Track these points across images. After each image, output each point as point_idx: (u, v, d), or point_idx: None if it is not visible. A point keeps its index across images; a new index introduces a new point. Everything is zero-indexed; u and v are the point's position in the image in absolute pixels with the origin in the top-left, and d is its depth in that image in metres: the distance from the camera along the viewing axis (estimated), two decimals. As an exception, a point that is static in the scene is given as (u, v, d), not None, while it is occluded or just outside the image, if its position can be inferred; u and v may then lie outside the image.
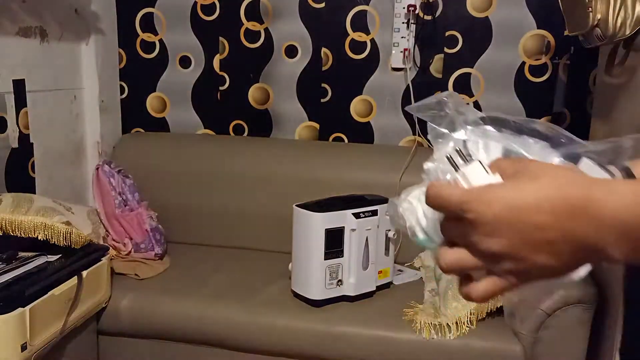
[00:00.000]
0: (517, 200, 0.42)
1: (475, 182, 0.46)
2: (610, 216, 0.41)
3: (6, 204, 1.62)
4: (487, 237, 0.43)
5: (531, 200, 0.42)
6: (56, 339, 1.52)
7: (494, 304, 1.62)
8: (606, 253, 0.42)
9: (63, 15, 2.09)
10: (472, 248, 0.44)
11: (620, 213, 0.41)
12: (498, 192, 0.44)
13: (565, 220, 0.42)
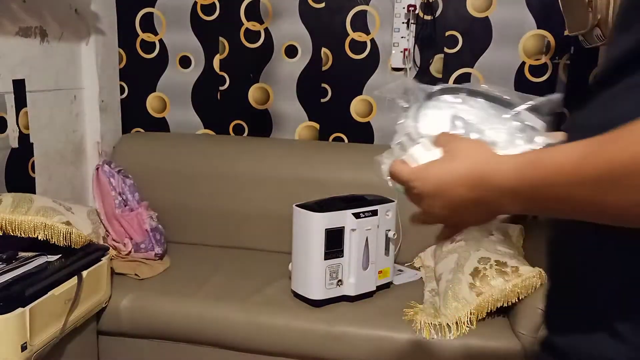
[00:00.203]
0: (442, 178, 0.60)
1: (420, 160, 0.63)
2: (500, 184, 0.55)
3: (6, 204, 1.62)
4: (428, 204, 0.63)
5: (451, 177, 0.59)
6: (56, 339, 1.52)
7: (493, 304, 1.62)
8: (506, 210, 0.58)
9: (63, 15, 2.09)
10: (422, 208, 0.65)
11: (507, 180, 0.54)
12: (431, 171, 0.61)
13: (475, 190, 0.58)
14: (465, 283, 1.66)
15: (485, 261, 1.68)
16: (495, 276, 1.63)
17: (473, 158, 0.59)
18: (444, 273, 1.77)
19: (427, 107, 0.69)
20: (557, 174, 0.49)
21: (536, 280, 1.61)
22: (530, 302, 1.59)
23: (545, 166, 0.51)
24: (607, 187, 0.45)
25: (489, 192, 0.57)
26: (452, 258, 1.79)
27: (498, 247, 1.77)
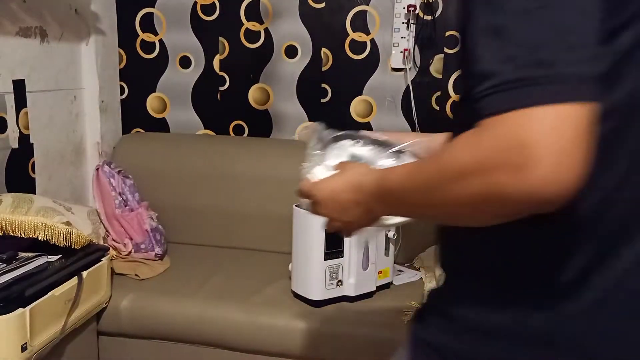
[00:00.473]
0: (333, 186, 0.79)
1: (320, 177, 0.84)
2: (369, 190, 0.72)
3: (6, 204, 1.62)
4: (324, 208, 0.81)
5: (339, 185, 0.78)
6: (56, 339, 1.53)
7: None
8: (377, 210, 0.73)
9: (63, 15, 2.09)
10: (321, 214, 0.83)
11: (371, 187, 0.71)
12: (325, 182, 0.81)
13: (355, 194, 0.75)
14: (465, 283, 1.66)
15: (485, 261, 1.68)
16: (495, 276, 1.63)
17: (354, 171, 0.78)
18: (444, 273, 1.77)
19: (332, 148, 0.93)
20: (398, 183, 0.66)
21: None
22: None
23: (391, 178, 0.68)
24: (431, 189, 0.59)
25: (363, 195, 0.74)
26: (452, 258, 1.79)
27: (498, 247, 1.77)
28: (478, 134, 0.53)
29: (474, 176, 0.53)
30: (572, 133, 0.49)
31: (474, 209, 0.56)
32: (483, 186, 0.52)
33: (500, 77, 0.52)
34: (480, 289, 0.67)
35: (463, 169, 0.54)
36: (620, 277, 0.61)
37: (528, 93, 0.50)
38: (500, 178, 0.51)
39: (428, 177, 0.60)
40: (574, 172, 0.49)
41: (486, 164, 0.52)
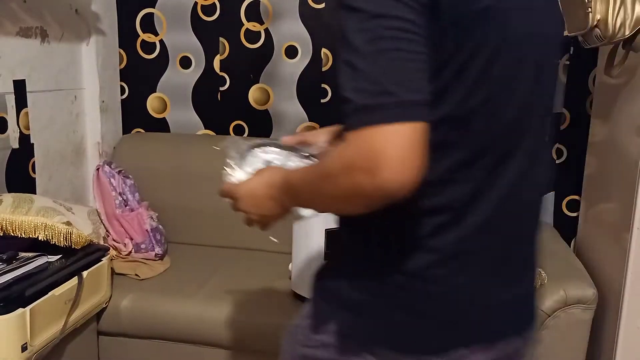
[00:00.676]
0: (249, 186, 0.95)
1: (238, 180, 1.01)
2: (278, 185, 0.87)
3: (6, 204, 1.62)
4: (242, 205, 0.95)
5: (256, 183, 0.93)
6: (56, 339, 1.53)
7: (493, 304, 1.62)
8: (287, 203, 0.87)
9: (63, 15, 2.09)
10: (241, 209, 0.96)
11: (279, 184, 0.87)
12: (244, 184, 0.97)
13: (268, 189, 0.89)
14: (465, 283, 1.66)
15: (485, 261, 1.68)
16: (495, 276, 1.63)
17: (269, 172, 0.94)
18: (444, 273, 1.77)
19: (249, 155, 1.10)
20: (297, 179, 0.83)
21: (536, 281, 1.60)
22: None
23: (293, 176, 0.85)
24: (315, 186, 0.77)
25: (275, 190, 0.88)
26: (451, 258, 1.79)
27: (498, 247, 1.77)
28: (344, 145, 0.71)
29: (340, 177, 0.70)
30: (408, 144, 0.66)
31: (344, 202, 0.73)
32: (348, 184, 0.69)
33: (355, 103, 0.69)
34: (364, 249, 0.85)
35: (333, 171, 0.72)
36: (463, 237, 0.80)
37: (375, 116, 0.67)
38: (359, 178, 0.68)
39: (313, 176, 0.79)
40: (411, 173, 0.67)
41: (349, 168, 0.69)
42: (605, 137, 1.86)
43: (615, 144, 1.73)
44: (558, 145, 2.20)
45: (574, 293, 1.55)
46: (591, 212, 1.97)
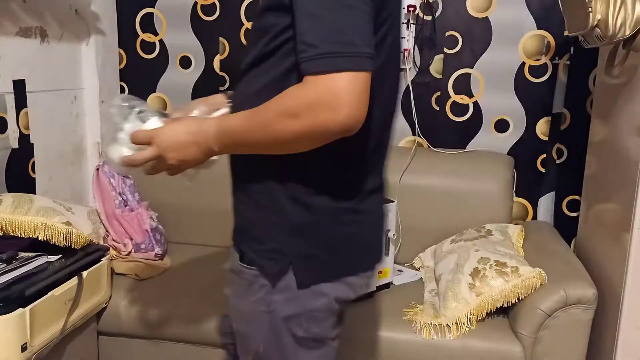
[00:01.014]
0: (175, 129, 0.96)
1: (153, 127, 1.01)
2: (207, 132, 0.93)
3: (6, 204, 1.62)
4: (163, 149, 0.96)
5: (178, 130, 0.96)
6: (56, 339, 1.53)
7: (493, 305, 1.62)
8: (213, 149, 0.94)
9: (63, 15, 2.09)
10: (157, 155, 0.98)
11: (211, 130, 0.92)
12: (167, 127, 0.98)
13: (194, 135, 0.94)
14: (465, 283, 1.66)
15: (485, 261, 1.68)
16: (495, 276, 1.63)
17: (191, 120, 1.01)
18: (444, 273, 1.77)
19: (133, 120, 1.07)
20: (240, 125, 0.89)
21: (536, 281, 1.61)
22: (530, 303, 1.60)
23: (231, 123, 0.91)
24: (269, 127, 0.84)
25: (202, 135, 0.93)
26: (451, 258, 1.79)
27: (498, 247, 1.77)
28: (304, 86, 0.81)
29: (303, 115, 0.80)
30: (364, 89, 0.80)
31: (304, 139, 0.83)
32: (309, 121, 0.80)
33: (319, 49, 0.79)
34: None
35: (295, 110, 0.81)
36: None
37: (336, 62, 0.78)
38: (323, 115, 0.79)
39: (266, 118, 0.85)
40: (362, 112, 0.80)
41: (313, 106, 0.79)
42: (605, 137, 1.85)
43: (615, 144, 1.73)
44: (558, 145, 2.20)
45: (574, 293, 1.55)
46: (591, 212, 1.97)
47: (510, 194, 2.12)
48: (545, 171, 2.24)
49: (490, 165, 2.12)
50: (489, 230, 1.91)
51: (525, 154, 2.23)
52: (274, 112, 0.84)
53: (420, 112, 2.26)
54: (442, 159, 2.16)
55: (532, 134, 2.23)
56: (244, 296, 1.05)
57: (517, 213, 2.27)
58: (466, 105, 2.25)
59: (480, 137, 2.26)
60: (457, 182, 2.09)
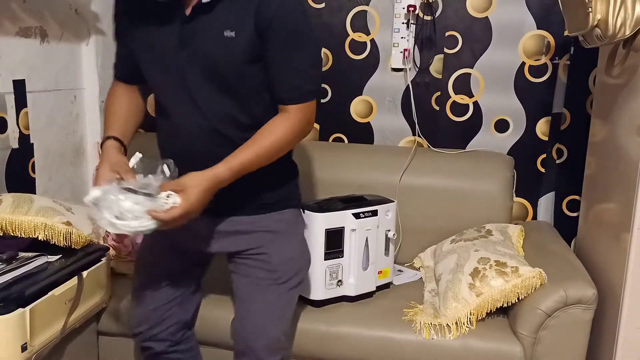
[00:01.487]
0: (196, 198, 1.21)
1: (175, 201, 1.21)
2: (224, 178, 1.24)
3: (6, 204, 1.62)
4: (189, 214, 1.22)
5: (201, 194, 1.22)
6: (56, 339, 1.53)
7: (493, 305, 1.62)
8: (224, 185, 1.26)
9: (63, 15, 2.09)
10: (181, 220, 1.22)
11: (227, 174, 1.24)
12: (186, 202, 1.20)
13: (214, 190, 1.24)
14: (465, 283, 1.66)
15: (485, 261, 1.68)
16: (495, 276, 1.63)
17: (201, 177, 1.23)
18: (444, 273, 1.77)
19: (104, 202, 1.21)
20: (248, 160, 1.27)
21: (536, 281, 1.61)
22: (530, 303, 1.60)
23: (240, 161, 1.26)
24: (273, 155, 1.30)
25: (219, 185, 1.24)
26: (451, 258, 1.80)
27: (498, 247, 1.77)
28: (291, 116, 1.30)
29: (298, 137, 1.33)
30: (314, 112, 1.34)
31: (287, 150, 1.36)
32: (298, 140, 1.34)
33: (303, 90, 1.30)
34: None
35: (294, 136, 1.32)
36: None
37: (314, 96, 1.32)
38: (306, 132, 1.33)
39: (271, 149, 1.29)
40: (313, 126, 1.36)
41: (303, 130, 1.33)
42: (605, 137, 1.85)
43: (615, 144, 1.73)
44: (558, 145, 2.20)
45: (574, 293, 1.55)
46: (591, 212, 1.97)
47: (510, 194, 2.12)
48: (545, 171, 2.24)
49: (490, 165, 2.12)
50: (489, 230, 1.91)
51: (525, 154, 2.23)
52: (276, 144, 1.30)
53: (420, 112, 2.26)
54: (442, 159, 2.16)
55: (532, 134, 2.23)
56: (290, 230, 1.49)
57: (517, 213, 2.27)
58: (466, 105, 2.25)
59: (480, 137, 2.26)
60: (457, 182, 2.09)
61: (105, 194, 1.21)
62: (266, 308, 1.44)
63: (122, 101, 1.48)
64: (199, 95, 1.30)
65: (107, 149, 1.37)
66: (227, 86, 1.28)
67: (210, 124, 1.31)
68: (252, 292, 1.45)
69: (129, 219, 1.19)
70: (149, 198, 1.21)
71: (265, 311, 1.44)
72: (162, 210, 1.19)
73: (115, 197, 1.21)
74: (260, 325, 1.44)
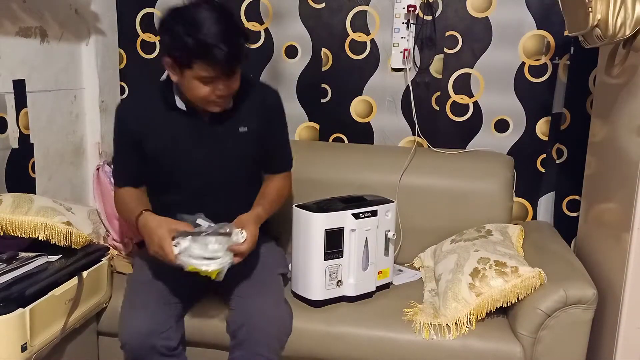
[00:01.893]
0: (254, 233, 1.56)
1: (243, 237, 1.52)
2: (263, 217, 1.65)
3: (6, 204, 1.62)
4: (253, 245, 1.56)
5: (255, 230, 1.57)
6: (56, 339, 1.53)
7: (493, 305, 1.62)
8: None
9: (63, 15, 2.09)
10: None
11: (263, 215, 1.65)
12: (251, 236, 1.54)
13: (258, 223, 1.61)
14: (465, 283, 1.66)
15: (484, 261, 1.68)
16: (494, 276, 1.63)
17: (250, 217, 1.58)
18: (444, 273, 1.77)
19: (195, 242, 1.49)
20: (270, 204, 1.69)
21: (536, 281, 1.61)
22: (530, 303, 1.60)
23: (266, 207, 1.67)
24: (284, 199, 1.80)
25: (260, 222, 1.61)
26: (451, 258, 1.80)
27: (498, 247, 1.77)
28: (288, 177, 1.83)
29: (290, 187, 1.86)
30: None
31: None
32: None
33: (291, 159, 1.85)
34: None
35: (290, 188, 1.85)
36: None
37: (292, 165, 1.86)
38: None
39: (279, 203, 1.75)
40: None
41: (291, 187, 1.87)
42: (605, 137, 1.85)
43: (615, 144, 1.73)
44: (558, 145, 2.21)
45: (574, 293, 1.55)
46: (591, 212, 1.97)
47: (510, 194, 2.12)
48: (545, 171, 2.24)
49: (490, 165, 2.12)
50: (489, 230, 1.91)
51: (525, 154, 2.24)
52: (284, 193, 1.79)
53: (420, 112, 2.26)
54: (442, 159, 2.16)
55: (532, 134, 2.23)
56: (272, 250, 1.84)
57: (517, 213, 2.27)
58: (466, 105, 2.25)
59: (480, 137, 2.26)
60: (457, 182, 2.09)
61: (191, 243, 1.46)
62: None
63: (133, 194, 1.70)
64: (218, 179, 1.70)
65: (148, 217, 1.55)
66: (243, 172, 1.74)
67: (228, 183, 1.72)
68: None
69: (218, 257, 1.46)
70: (224, 237, 1.47)
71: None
72: (239, 244, 1.49)
73: (202, 242, 1.46)
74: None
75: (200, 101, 1.55)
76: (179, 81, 1.54)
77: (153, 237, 1.49)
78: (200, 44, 1.42)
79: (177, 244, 1.46)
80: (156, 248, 1.48)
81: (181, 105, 1.63)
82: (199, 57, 1.44)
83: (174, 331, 1.56)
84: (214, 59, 1.43)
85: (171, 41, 1.47)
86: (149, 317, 1.53)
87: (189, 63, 1.46)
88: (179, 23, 1.45)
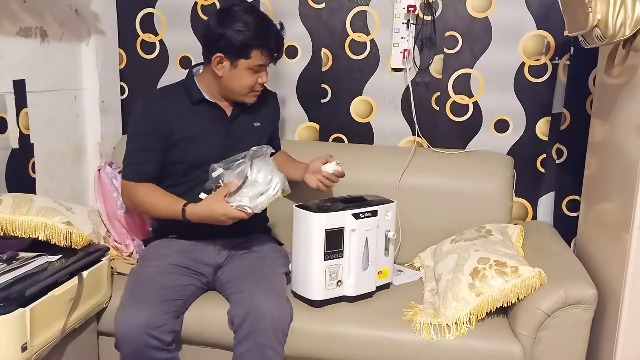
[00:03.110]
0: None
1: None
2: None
3: (7, 204, 1.62)
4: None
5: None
6: (56, 339, 1.53)
7: (493, 305, 1.62)
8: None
9: (63, 15, 2.09)
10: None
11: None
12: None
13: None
14: (465, 283, 1.66)
15: (484, 261, 1.69)
16: (494, 276, 1.63)
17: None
18: (444, 273, 1.77)
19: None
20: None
21: (536, 281, 1.61)
22: (530, 303, 1.60)
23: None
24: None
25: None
26: (451, 258, 1.80)
27: (498, 247, 1.77)
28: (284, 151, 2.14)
29: None
30: None
31: None
32: None
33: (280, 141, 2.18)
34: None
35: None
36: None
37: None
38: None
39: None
40: None
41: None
42: (605, 137, 1.86)
43: (615, 144, 1.73)
44: (558, 145, 2.21)
45: (574, 293, 1.55)
46: (591, 212, 1.97)
47: (510, 194, 2.12)
48: (545, 171, 2.24)
49: (490, 165, 2.12)
50: (488, 230, 1.91)
51: (525, 154, 2.24)
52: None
53: (420, 112, 2.26)
54: (442, 159, 2.17)
55: (532, 134, 2.23)
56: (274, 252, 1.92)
57: (517, 213, 2.27)
58: (466, 105, 2.25)
59: (480, 137, 2.26)
60: (457, 182, 2.09)
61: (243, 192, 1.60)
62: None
63: (158, 189, 1.79)
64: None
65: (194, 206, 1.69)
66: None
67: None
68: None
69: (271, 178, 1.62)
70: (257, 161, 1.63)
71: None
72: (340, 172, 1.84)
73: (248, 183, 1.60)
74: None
75: (245, 90, 1.76)
76: (226, 75, 1.73)
77: (215, 215, 1.63)
78: (259, 33, 1.67)
79: (236, 203, 1.59)
80: (227, 220, 1.63)
81: (210, 98, 1.82)
82: (259, 45, 1.68)
83: (169, 327, 1.57)
84: (270, 45, 1.70)
85: (231, 35, 1.66)
86: (145, 311, 1.54)
87: (247, 53, 1.68)
88: (233, 20, 1.67)
